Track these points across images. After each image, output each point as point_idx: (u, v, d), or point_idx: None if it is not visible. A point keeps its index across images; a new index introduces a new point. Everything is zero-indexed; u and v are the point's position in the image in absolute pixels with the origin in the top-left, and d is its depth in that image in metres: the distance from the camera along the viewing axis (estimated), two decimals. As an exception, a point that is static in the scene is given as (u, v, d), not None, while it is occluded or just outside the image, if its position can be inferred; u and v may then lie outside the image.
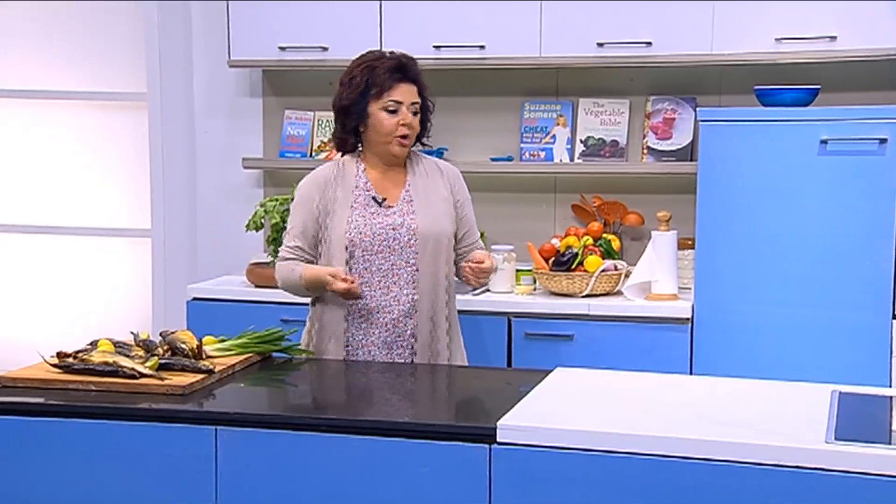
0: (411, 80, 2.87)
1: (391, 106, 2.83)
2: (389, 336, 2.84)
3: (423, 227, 2.85)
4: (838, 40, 3.57)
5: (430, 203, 2.90)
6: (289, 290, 2.94)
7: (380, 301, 2.83)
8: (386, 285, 2.83)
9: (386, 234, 2.83)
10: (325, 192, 2.87)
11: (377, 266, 2.83)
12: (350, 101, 2.85)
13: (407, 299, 2.83)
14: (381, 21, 4.04)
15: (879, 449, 1.94)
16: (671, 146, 4.04)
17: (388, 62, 2.85)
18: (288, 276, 2.89)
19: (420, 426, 2.18)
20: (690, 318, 3.59)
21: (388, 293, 2.83)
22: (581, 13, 3.84)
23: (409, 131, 2.85)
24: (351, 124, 2.88)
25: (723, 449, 1.98)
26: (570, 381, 2.52)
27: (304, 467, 2.19)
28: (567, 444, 2.04)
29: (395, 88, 2.83)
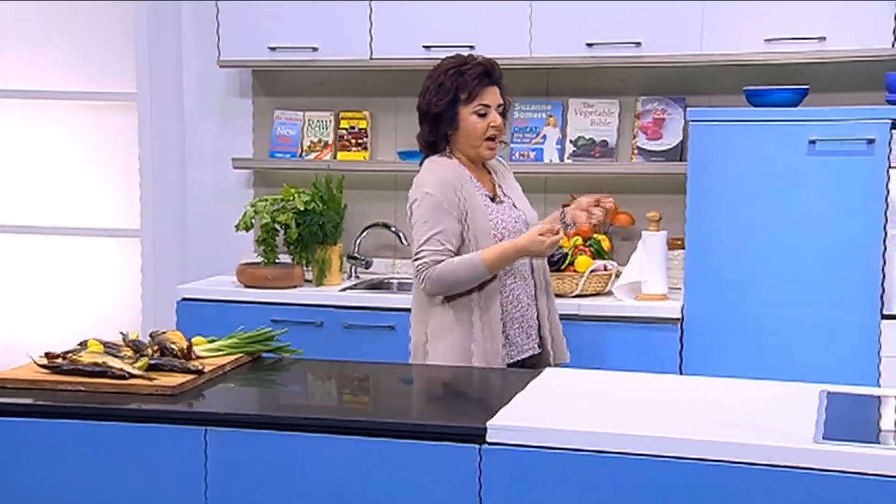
0: (496, 82, 2.93)
1: (481, 110, 2.89)
2: (513, 328, 2.93)
3: (531, 216, 3.01)
4: (827, 41, 3.58)
5: (518, 194, 3.06)
6: (457, 286, 2.85)
7: (519, 290, 2.94)
8: (511, 280, 2.93)
9: (512, 226, 2.94)
10: (460, 193, 2.88)
11: (517, 265, 2.94)
12: (441, 108, 2.89)
13: (530, 286, 2.97)
14: (371, 21, 4.04)
15: (868, 448, 1.94)
16: (661, 146, 4.05)
17: (476, 67, 2.90)
18: (458, 269, 2.81)
19: (410, 426, 2.18)
20: (680, 318, 3.60)
21: (514, 289, 2.93)
22: (571, 13, 3.84)
23: (498, 132, 2.93)
24: (443, 129, 2.92)
25: (712, 448, 1.98)
26: (560, 381, 2.52)
27: (294, 468, 2.19)
28: (557, 444, 2.04)
29: (484, 92, 2.89)
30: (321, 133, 4.41)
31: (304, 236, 4.02)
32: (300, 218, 4.01)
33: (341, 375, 2.85)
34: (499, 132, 2.93)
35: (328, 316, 3.89)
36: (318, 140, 4.42)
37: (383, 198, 4.44)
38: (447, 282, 2.83)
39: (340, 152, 4.40)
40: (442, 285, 2.83)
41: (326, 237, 4.05)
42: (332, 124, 4.41)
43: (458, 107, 2.88)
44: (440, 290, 2.86)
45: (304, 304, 3.92)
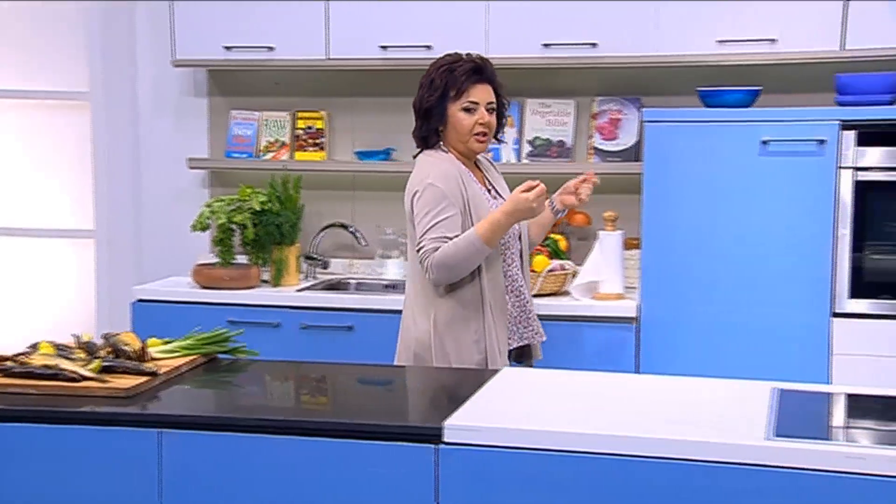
0: (487, 80, 2.99)
1: (469, 106, 2.96)
2: (515, 315, 3.00)
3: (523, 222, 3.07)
4: (778, 42, 3.63)
5: (504, 188, 3.12)
6: (458, 267, 2.86)
7: (518, 282, 3.02)
8: (515, 267, 3.02)
9: None
10: (463, 186, 2.95)
11: (514, 249, 3.02)
12: (431, 103, 2.98)
13: (525, 276, 3.07)
14: (328, 21, 4.03)
15: (819, 445, 1.97)
16: (617, 146, 4.07)
17: (465, 64, 2.98)
18: (456, 250, 2.83)
19: (366, 427, 2.17)
20: (637, 318, 3.62)
21: (514, 277, 3.01)
22: (527, 14, 3.86)
23: (487, 129, 2.99)
24: (433, 125, 3.00)
25: (666, 446, 1.99)
26: (517, 381, 2.53)
27: (250, 470, 2.18)
28: (513, 444, 2.05)
29: (473, 89, 2.96)
30: (278, 133, 4.39)
31: (261, 237, 4.00)
32: (257, 218, 3.99)
33: (298, 376, 2.84)
34: (487, 128, 2.99)
35: (285, 316, 3.87)
36: (275, 140, 4.40)
37: (341, 198, 4.43)
38: (448, 264, 2.85)
39: (297, 152, 4.38)
40: (444, 269, 2.85)
41: (283, 237, 4.03)
42: (288, 124, 4.39)
43: (447, 103, 2.96)
44: (444, 275, 2.87)
45: (261, 304, 3.90)
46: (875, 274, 3.46)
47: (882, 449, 1.96)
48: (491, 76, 3.01)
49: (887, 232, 3.47)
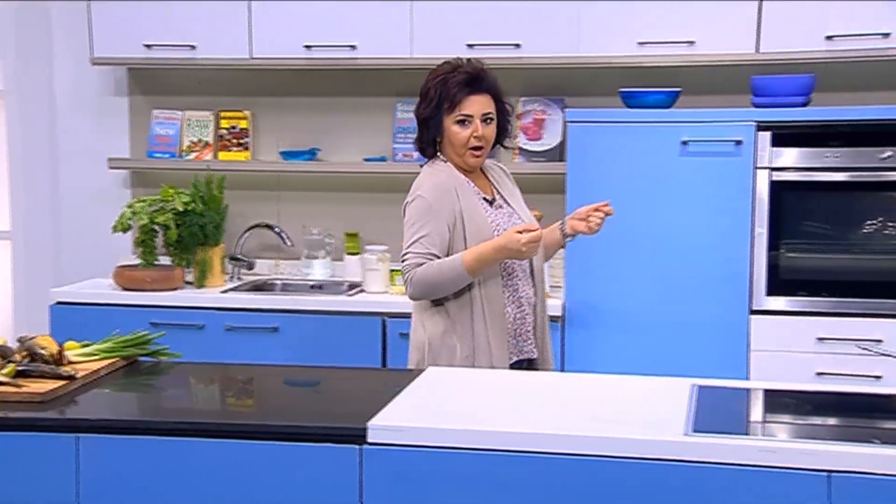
0: (484, 90, 2.85)
1: (462, 118, 2.82)
2: (513, 330, 2.84)
3: (530, 222, 2.89)
4: (696, 45, 3.69)
5: (518, 200, 2.99)
6: (437, 288, 2.79)
7: (511, 296, 2.84)
8: (513, 282, 2.85)
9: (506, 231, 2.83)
10: (456, 198, 2.83)
11: (507, 263, 2.84)
12: (426, 115, 2.87)
13: (528, 294, 2.87)
14: (251, 20, 3.99)
15: (736, 440, 2.01)
16: (542, 146, 4.11)
17: (459, 75, 2.84)
18: (438, 272, 2.75)
19: (289, 428, 2.16)
20: (562, 316, 3.66)
21: (515, 290, 2.85)
22: (450, 15, 3.87)
23: (482, 143, 2.84)
24: (430, 135, 2.89)
25: (588, 444, 2.02)
26: (442, 380, 2.54)
27: (171, 474, 2.15)
28: (437, 443, 2.05)
29: (466, 101, 2.82)
30: (201, 133, 4.34)
31: (185, 237, 3.96)
32: (180, 219, 3.94)
33: (223, 378, 2.81)
34: (483, 142, 2.84)
35: (210, 318, 3.83)
36: (198, 140, 4.34)
37: (266, 198, 4.40)
38: (427, 284, 2.77)
39: (221, 152, 4.34)
40: (423, 288, 2.78)
41: (207, 238, 3.99)
42: (212, 124, 4.34)
43: (442, 115, 2.84)
44: (421, 293, 2.81)
45: (185, 306, 3.86)
46: (791, 271, 3.55)
47: (795, 443, 2.01)
48: (488, 86, 2.86)
49: (802, 230, 3.56)
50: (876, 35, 3.57)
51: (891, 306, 3.48)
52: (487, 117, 2.85)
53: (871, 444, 1.99)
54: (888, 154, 3.45)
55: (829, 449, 1.95)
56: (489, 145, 2.88)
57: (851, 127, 3.48)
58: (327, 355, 3.63)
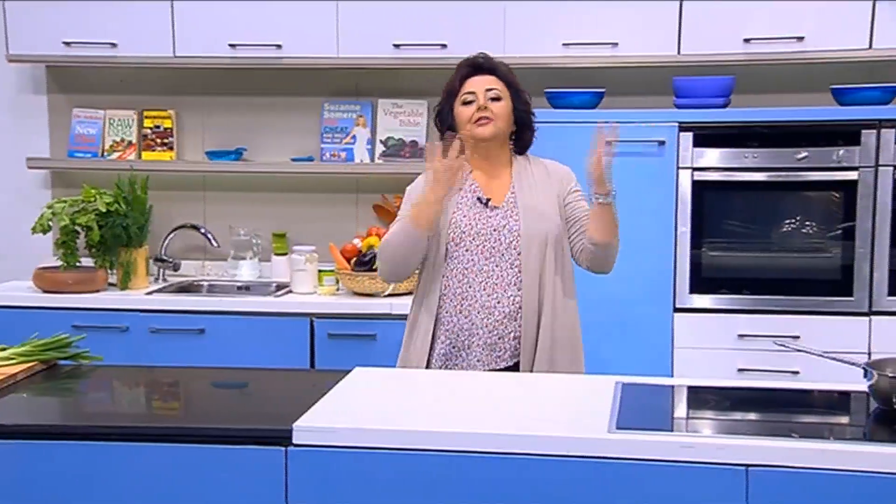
0: (486, 71, 2.83)
1: (467, 98, 2.80)
2: (492, 338, 2.74)
3: (527, 228, 2.76)
4: (620, 46, 3.74)
5: (535, 204, 2.81)
6: (394, 253, 2.74)
7: (482, 301, 2.74)
8: (489, 286, 2.75)
9: (489, 234, 2.76)
10: None
11: (480, 266, 2.75)
12: (438, 108, 2.87)
13: (509, 301, 2.74)
14: (173, 18, 3.94)
15: (658, 436, 2.04)
16: (469, 147, 4.12)
17: (460, 65, 2.87)
18: (392, 236, 2.74)
19: (214, 431, 2.14)
20: (489, 315, 3.67)
21: (491, 294, 2.74)
22: (377, 15, 3.87)
23: (485, 113, 2.77)
24: (442, 127, 2.85)
25: (513, 442, 2.03)
26: (369, 381, 2.54)
27: (92, 479, 2.11)
28: (362, 444, 2.05)
29: (468, 82, 2.81)
30: (124, 132, 4.27)
31: (107, 238, 3.89)
32: (102, 220, 3.87)
33: (147, 381, 2.76)
34: (488, 112, 2.76)
35: (134, 320, 3.78)
36: (121, 139, 4.27)
37: (191, 198, 4.35)
38: (385, 250, 2.76)
39: (145, 152, 4.27)
40: (383, 256, 2.78)
41: (131, 239, 3.93)
42: (135, 123, 4.28)
43: (451, 104, 2.83)
44: (385, 267, 2.80)
45: (108, 308, 3.80)
46: (713, 270, 3.62)
47: (714, 438, 2.05)
48: (490, 68, 2.84)
49: (723, 229, 3.63)
50: (791, 38, 3.65)
51: (808, 303, 3.58)
52: (492, 92, 2.79)
53: (789, 439, 2.04)
54: (804, 155, 3.54)
55: (746, 444, 1.99)
56: (500, 120, 2.79)
57: (769, 128, 3.56)
58: (255, 357, 3.61)
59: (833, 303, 3.57)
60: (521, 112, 2.86)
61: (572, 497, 2.00)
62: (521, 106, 2.86)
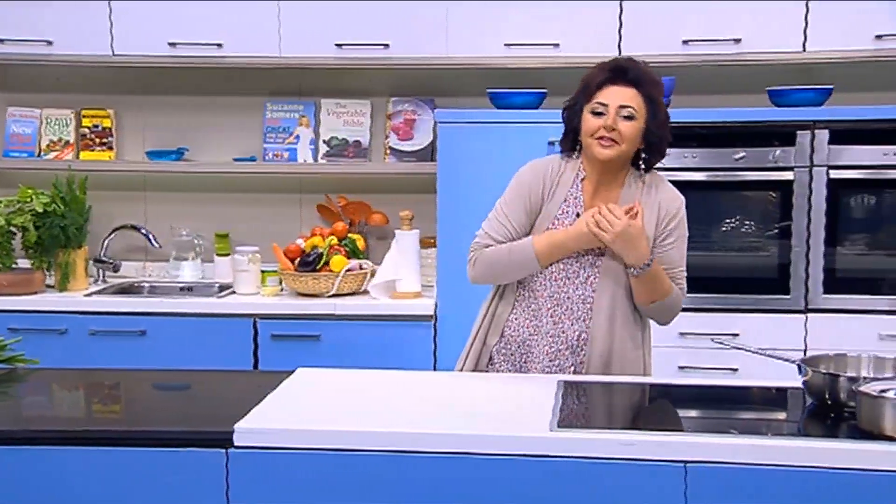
0: (629, 82, 2.54)
1: (597, 108, 2.54)
2: (551, 368, 2.59)
3: (609, 262, 2.57)
4: (561, 47, 3.77)
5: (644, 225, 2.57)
6: (502, 273, 2.61)
7: (547, 328, 2.60)
8: (557, 314, 2.59)
9: (569, 264, 2.58)
10: (543, 189, 2.62)
11: (551, 292, 2.59)
12: (570, 102, 2.64)
13: (575, 335, 2.58)
14: (111, 16, 3.89)
15: (598, 434, 2.07)
16: (412, 146, 4.13)
17: (606, 64, 2.60)
18: (506, 253, 2.57)
19: (155, 434, 2.13)
20: (434, 315, 3.69)
21: (557, 323, 2.59)
22: (319, 14, 3.85)
23: (611, 134, 2.52)
24: (570, 125, 2.64)
25: (454, 441, 2.04)
26: (312, 381, 2.53)
27: (29, 485, 2.08)
28: (304, 445, 2.05)
29: (604, 90, 2.54)
30: (61, 131, 4.21)
31: (45, 239, 3.83)
32: (39, 220, 3.81)
33: (87, 384, 2.72)
34: (614, 134, 2.51)
35: (73, 322, 3.72)
36: (58, 139, 4.21)
37: (131, 199, 4.30)
38: (492, 268, 2.60)
39: (83, 152, 4.21)
40: (486, 270, 2.61)
41: (69, 240, 3.87)
42: (72, 122, 4.21)
43: (583, 104, 2.58)
44: (481, 276, 2.64)
45: (46, 310, 3.74)
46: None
47: (653, 435, 2.07)
48: (635, 78, 2.54)
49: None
50: (728, 40, 3.71)
51: (747, 301, 3.64)
52: (626, 111, 2.52)
53: (727, 435, 2.07)
54: (741, 155, 3.60)
55: (685, 440, 2.02)
56: (626, 143, 2.53)
57: (707, 128, 3.61)
58: (197, 359, 3.57)
59: (771, 301, 3.64)
60: (653, 135, 2.57)
61: (514, 495, 2.02)
62: (656, 128, 2.56)
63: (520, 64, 3.84)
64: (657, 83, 2.59)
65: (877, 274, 3.62)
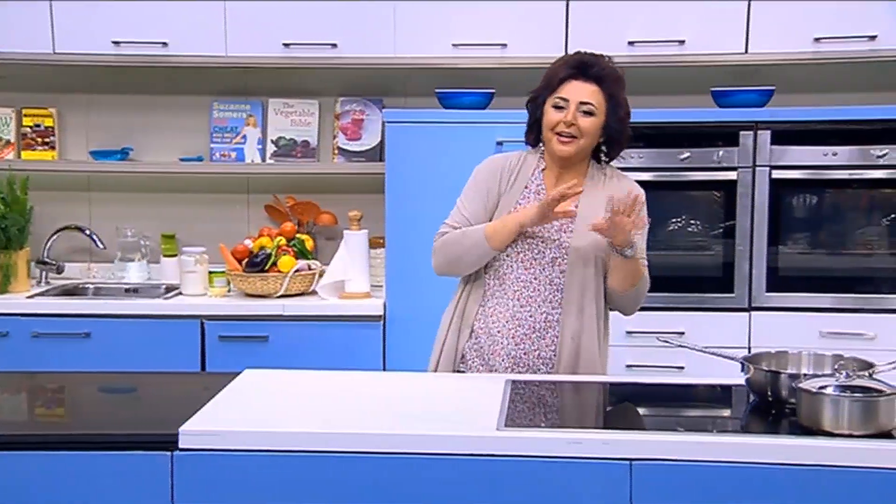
0: (591, 78, 2.60)
1: (559, 103, 2.60)
2: (517, 351, 2.62)
3: (577, 246, 2.60)
4: (509, 48, 3.79)
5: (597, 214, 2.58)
6: (457, 258, 2.64)
7: (513, 311, 2.62)
8: (524, 297, 2.62)
9: (535, 245, 2.61)
10: (501, 183, 2.67)
11: (517, 275, 2.62)
12: (533, 95, 2.68)
13: (543, 318, 2.61)
14: (52, 14, 3.83)
15: (544, 432, 2.08)
16: (361, 146, 4.13)
17: (570, 59, 2.65)
18: (460, 237, 2.62)
19: (98, 437, 2.11)
20: (383, 316, 3.68)
21: (523, 306, 2.62)
22: (265, 13, 3.83)
23: (571, 129, 2.58)
24: (533, 117, 2.69)
25: (401, 441, 2.04)
26: (259, 383, 2.51)
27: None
28: (250, 447, 2.04)
29: (566, 86, 2.60)
30: (1, 131, 4.14)
31: (-15, 241, 3.77)
32: (-21, 221, 3.75)
33: (29, 387, 2.69)
34: (574, 129, 2.57)
35: (14, 325, 3.67)
36: (-1, 138, 4.14)
37: (75, 199, 4.24)
38: (447, 252, 2.64)
39: (25, 151, 4.15)
40: (442, 256, 2.66)
41: (10, 241, 3.81)
42: (13, 121, 4.14)
43: (545, 97, 2.64)
44: (441, 264, 2.68)
45: (-13, 313, 3.68)
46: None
47: (599, 433, 2.09)
48: (596, 75, 2.60)
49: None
50: (673, 42, 3.76)
51: (693, 300, 3.68)
52: (586, 107, 2.58)
53: (671, 432, 2.10)
54: (686, 155, 3.64)
55: (630, 438, 2.04)
56: (586, 137, 2.59)
57: (653, 129, 3.65)
58: (143, 361, 3.53)
59: (715, 299, 3.68)
60: (613, 130, 2.64)
61: (462, 495, 2.02)
62: (615, 123, 2.63)
63: (467, 64, 3.85)
64: (619, 79, 2.64)
65: (818, 272, 3.69)
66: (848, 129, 3.61)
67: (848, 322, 3.62)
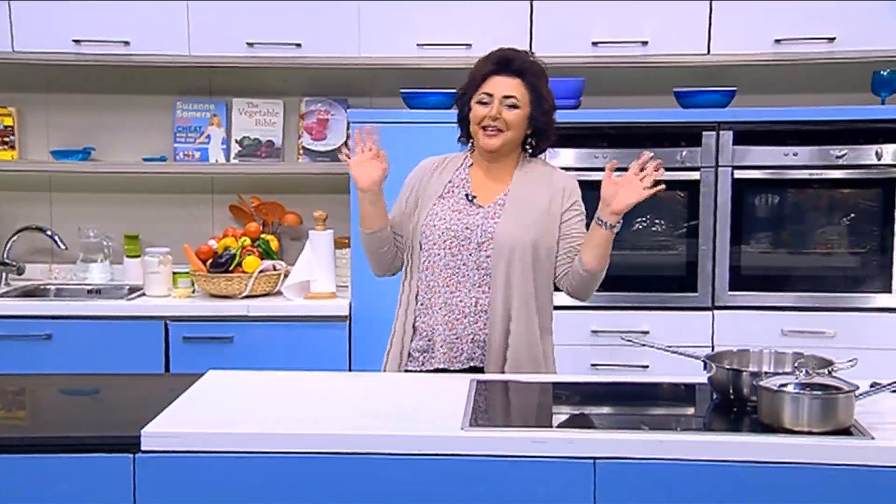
0: (513, 72, 2.67)
1: (483, 98, 2.68)
2: (450, 337, 2.67)
3: (503, 233, 2.65)
4: (473, 48, 3.79)
5: (523, 211, 2.68)
6: (366, 250, 2.81)
7: (444, 297, 2.68)
8: (454, 283, 2.68)
9: (460, 231, 2.67)
10: (422, 182, 2.78)
11: (445, 262, 2.68)
12: (461, 92, 2.76)
13: (472, 301, 2.66)
14: (10, 12, 3.78)
15: (508, 432, 2.09)
16: (326, 146, 4.12)
17: (492, 55, 2.72)
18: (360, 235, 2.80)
19: (59, 440, 2.08)
20: (348, 316, 3.68)
21: (454, 292, 2.67)
22: (229, 13, 3.81)
23: (496, 123, 2.66)
24: (461, 113, 2.77)
25: (365, 442, 2.04)
26: (223, 384, 2.50)
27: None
28: (212, 449, 2.03)
29: (489, 81, 2.68)
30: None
31: (-57, 242, 3.72)
32: (-62, 223, 3.69)
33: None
34: (500, 122, 2.65)
35: (-26, 327, 3.62)
36: (-41, 139, 4.09)
37: (36, 199, 4.20)
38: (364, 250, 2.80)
39: (-16, 151, 4.10)
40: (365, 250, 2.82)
41: (-30, 243, 3.76)
42: (-28, 121, 4.10)
43: (470, 94, 2.72)
44: (370, 266, 2.86)
45: (-54, 315, 3.63)
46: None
47: (563, 432, 2.11)
48: (518, 69, 2.67)
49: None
50: (636, 42, 3.78)
51: (656, 299, 3.71)
52: (510, 100, 2.66)
53: (634, 431, 2.12)
54: (649, 155, 3.65)
55: (594, 437, 2.06)
56: (512, 130, 2.67)
57: (617, 129, 3.67)
58: (106, 363, 3.51)
59: (679, 298, 3.71)
60: (538, 121, 2.71)
61: (426, 495, 2.02)
62: (540, 115, 2.70)
63: (432, 64, 3.85)
64: (541, 73, 2.73)
65: (780, 271, 3.73)
66: (808, 129, 3.66)
67: (809, 321, 3.66)
